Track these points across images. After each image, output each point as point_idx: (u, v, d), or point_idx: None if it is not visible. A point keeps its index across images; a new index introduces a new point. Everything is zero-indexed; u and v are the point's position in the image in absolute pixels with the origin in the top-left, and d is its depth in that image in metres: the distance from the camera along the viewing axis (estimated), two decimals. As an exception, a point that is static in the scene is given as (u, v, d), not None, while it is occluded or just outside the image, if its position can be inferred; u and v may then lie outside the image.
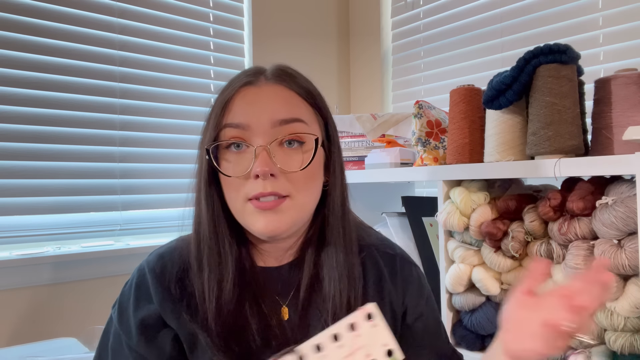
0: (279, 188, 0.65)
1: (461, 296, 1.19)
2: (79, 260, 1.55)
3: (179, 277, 0.69)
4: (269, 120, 0.66)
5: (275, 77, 0.70)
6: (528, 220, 1.06)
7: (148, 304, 0.68)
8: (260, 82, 0.69)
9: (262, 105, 0.66)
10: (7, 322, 1.44)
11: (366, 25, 2.35)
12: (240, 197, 0.66)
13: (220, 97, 0.70)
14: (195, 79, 1.90)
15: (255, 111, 0.66)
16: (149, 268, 0.70)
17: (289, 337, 0.68)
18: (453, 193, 1.19)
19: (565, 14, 1.64)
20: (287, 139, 0.67)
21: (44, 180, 1.55)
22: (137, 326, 0.67)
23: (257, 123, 0.66)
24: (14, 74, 1.50)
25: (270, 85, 0.69)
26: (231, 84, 0.70)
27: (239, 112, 0.67)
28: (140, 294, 0.69)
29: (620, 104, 0.98)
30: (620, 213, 0.90)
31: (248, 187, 0.65)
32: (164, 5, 1.82)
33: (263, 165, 0.63)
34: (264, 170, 0.63)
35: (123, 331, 0.68)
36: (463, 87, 1.21)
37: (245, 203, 0.66)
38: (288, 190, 0.66)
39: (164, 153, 1.80)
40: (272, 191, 0.64)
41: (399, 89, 2.21)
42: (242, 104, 0.67)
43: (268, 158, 0.64)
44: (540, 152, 1.02)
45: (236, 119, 0.66)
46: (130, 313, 0.69)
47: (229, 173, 0.66)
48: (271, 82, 0.69)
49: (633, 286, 0.91)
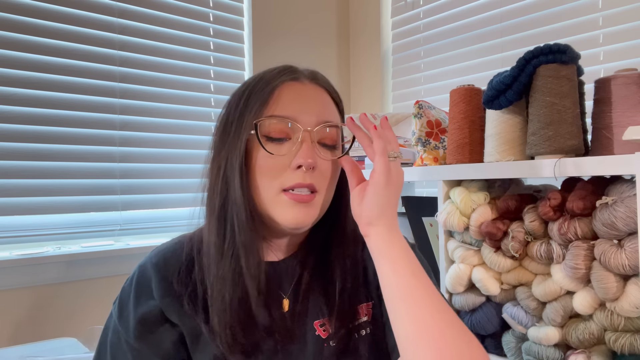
0: (315, 182, 0.67)
1: (461, 296, 1.19)
2: (79, 260, 1.55)
3: (182, 272, 0.69)
4: (316, 118, 0.68)
5: (315, 79, 0.73)
6: (528, 220, 1.06)
7: (148, 300, 0.68)
8: (302, 79, 0.71)
9: (309, 102, 0.69)
10: (7, 322, 1.44)
11: (366, 25, 2.35)
12: (274, 186, 0.67)
13: (260, 86, 0.70)
14: (196, 79, 1.90)
15: (302, 107, 0.68)
16: (152, 263, 0.70)
17: (289, 328, 0.70)
18: (453, 193, 1.19)
19: (565, 14, 1.64)
20: (324, 140, 0.70)
21: (44, 180, 1.55)
22: (137, 322, 0.68)
23: (305, 118, 0.68)
24: (14, 74, 1.50)
25: (314, 86, 0.72)
26: (271, 75, 0.71)
27: (288, 105, 0.68)
28: (141, 290, 0.69)
29: (620, 104, 0.98)
30: (620, 213, 0.90)
31: (286, 177, 0.67)
32: (164, 5, 1.82)
33: (308, 157, 0.66)
34: (308, 162, 0.65)
35: (122, 327, 0.69)
36: (463, 87, 1.21)
37: (279, 193, 0.67)
38: (320, 185, 0.68)
39: (164, 153, 1.80)
40: (310, 183, 0.66)
41: (399, 89, 2.21)
42: (289, 97, 0.69)
43: (313, 148, 0.67)
44: (540, 152, 1.02)
45: (284, 111, 0.68)
46: (130, 309, 0.69)
47: (273, 152, 0.67)
48: (314, 82, 0.72)
49: (633, 286, 0.91)
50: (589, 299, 0.98)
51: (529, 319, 1.08)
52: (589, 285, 0.98)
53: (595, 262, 0.95)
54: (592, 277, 0.95)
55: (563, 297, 1.03)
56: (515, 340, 1.12)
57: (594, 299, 0.97)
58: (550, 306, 1.04)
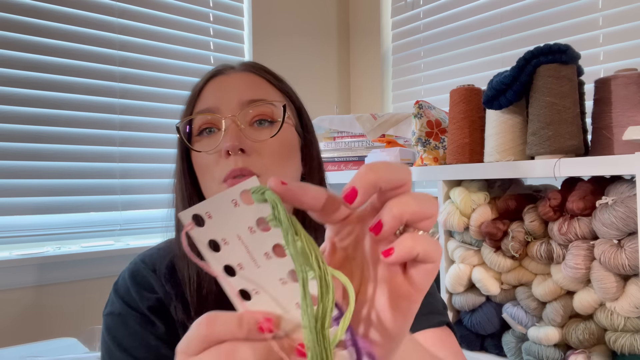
0: (250, 164, 0.63)
1: (461, 296, 1.19)
2: (79, 260, 1.55)
3: (169, 272, 0.70)
4: (237, 101, 0.65)
5: (244, 67, 0.71)
6: (528, 220, 1.06)
7: (149, 293, 0.69)
8: (228, 72, 0.70)
9: (229, 89, 0.67)
10: (7, 322, 1.44)
11: (366, 25, 2.35)
12: (214, 180, 0.65)
13: (191, 92, 0.71)
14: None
15: (223, 95, 0.67)
16: (144, 262, 0.72)
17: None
18: (453, 193, 1.19)
19: (565, 14, 1.64)
20: (257, 118, 0.66)
21: (44, 180, 1.55)
22: (146, 308, 0.68)
23: (226, 105, 0.65)
24: (14, 74, 1.50)
25: (238, 73, 0.70)
26: (200, 81, 0.72)
27: (208, 98, 0.68)
28: (139, 283, 0.70)
29: (620, 104, 0.98)
30: (620, 213, 0.90)
31: (220, 168, 0.64)
32: (164, 5, 1.82)
33: (233, 139, 0.62)
34: (233, 145, 0.62)
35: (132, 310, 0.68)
36: (463, 87, 1.21)
37: (220, 185, 0.65)
38: (259, 168, 0.64)
39: (164, 153, 1.80)
40: (243, 167, 0.62)
41: (399, 89, 2.21)
42: (210, 91, 0.68)
43: (237, 132, 0.63)
44: (540, 152, 1.02)
45: (204, 104, 0.67)
46: (133, 296, 0.69)
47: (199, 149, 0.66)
48: (239, 70, 0.70)
49: (633, 286, 0.91)
50: (589, 299, 0.98)
51: (529, 319, 1.08)
52: (589, 285, 0.98)
53: (595, 262, 0.95)
54: (592, 277, 0.95)
55: (563, 297, 1.03)
56: (515, 340, 1.12)
57: (594, 299, 0.97)
58: (550, 306, 1.04)
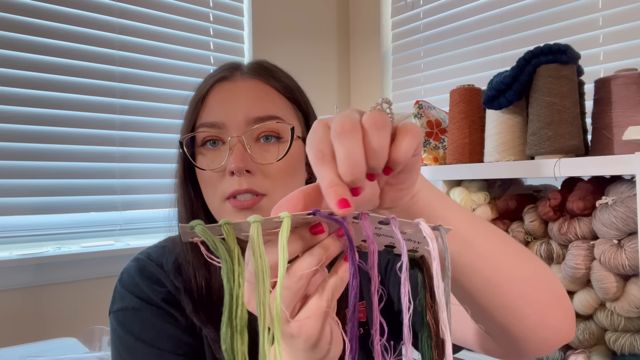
0: (255, 185, 0.62)
1: (461, 296, 1.19)
2: (79, 260, 1.55)
3: (176, 269, 0.69)
4: (243, 117, 0.63)
5: (251, 71, 0.67)
6: (528, 220, 1.06)
7: (159, 287, 0.67)
8: (235, 77, 0.66)
9: (236, 103, 0.64)
10: (7, 322, 1.44)
11: (366, 25, 2.35)
12: (217, 196, 0.64)
13: (195, 94, 0.68)
14: (196, 79, 1.89)
15: (229, 109, 0.64)
16: (150, 259, 0.70)
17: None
18: (453, 193, 1.19)
19: (565, 14, 1.64)
20: (264, 134, 0.64)
21: (44, 180, 1.55)
22: (160, 300, 0.67)
23: (232, 121, 0.63)
24: (14, 74, 1.50)
25: (245, 81, 0.66)
26: (206, 80, 0.68)
27: (213, 111, 0.64)
28: (148, 277, 0.68)
29: (620, 104, 0.98)
30: (620, 213, 0.90)
31: (224, 185, 0.63)
32: (164, 5, 1.82)
33: (238, 162, 0.60)
34: (238, 167, 0.60)
35: (146, 303, 0.66)
36: (463, 87, 1.21)
37: (223, 202, 0.64)
38: (265, 188, 0.62)
39: (164, 153, 1.80)
40: (247, 188, 0.61)
41: (399, 89, 2.21)
42: (216, 101, 0.65)
43: (243, 152, 0.62)
44: (540, 152, 1.02)
45: (210, 117, 0.64)
46: (143, 289, 0.67)
47: (204, 167, 0.64)
48: (247, 76, 0.67)
49: (633, 286, 0.91)
50: (589, 299, 0.98)
51: (529, 319, 1.07)
52: (589, 285, 0.98)
53: (595, 262, 0.95)
54: (592, 277, 0.95)
55: (563, 297, 1.03)
56: (515, 340, 1.12)
57: (594, 299, 0.97)
58: (550, 306, 1.04)
